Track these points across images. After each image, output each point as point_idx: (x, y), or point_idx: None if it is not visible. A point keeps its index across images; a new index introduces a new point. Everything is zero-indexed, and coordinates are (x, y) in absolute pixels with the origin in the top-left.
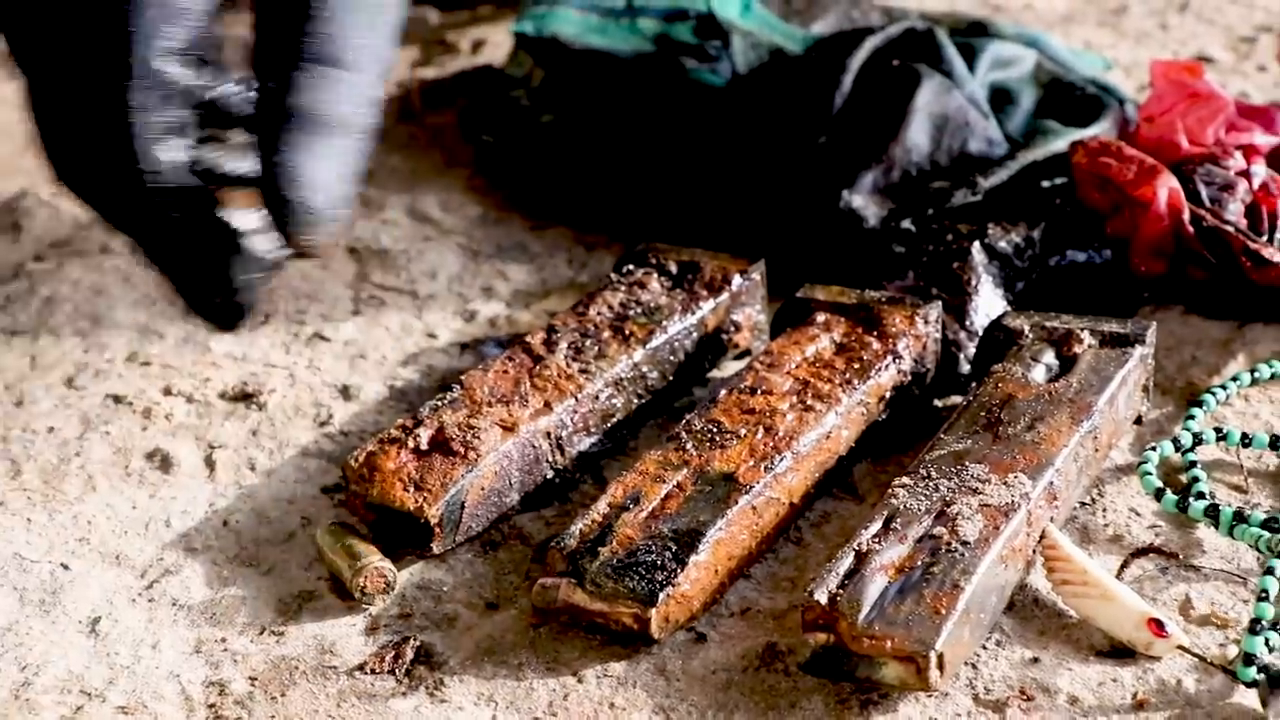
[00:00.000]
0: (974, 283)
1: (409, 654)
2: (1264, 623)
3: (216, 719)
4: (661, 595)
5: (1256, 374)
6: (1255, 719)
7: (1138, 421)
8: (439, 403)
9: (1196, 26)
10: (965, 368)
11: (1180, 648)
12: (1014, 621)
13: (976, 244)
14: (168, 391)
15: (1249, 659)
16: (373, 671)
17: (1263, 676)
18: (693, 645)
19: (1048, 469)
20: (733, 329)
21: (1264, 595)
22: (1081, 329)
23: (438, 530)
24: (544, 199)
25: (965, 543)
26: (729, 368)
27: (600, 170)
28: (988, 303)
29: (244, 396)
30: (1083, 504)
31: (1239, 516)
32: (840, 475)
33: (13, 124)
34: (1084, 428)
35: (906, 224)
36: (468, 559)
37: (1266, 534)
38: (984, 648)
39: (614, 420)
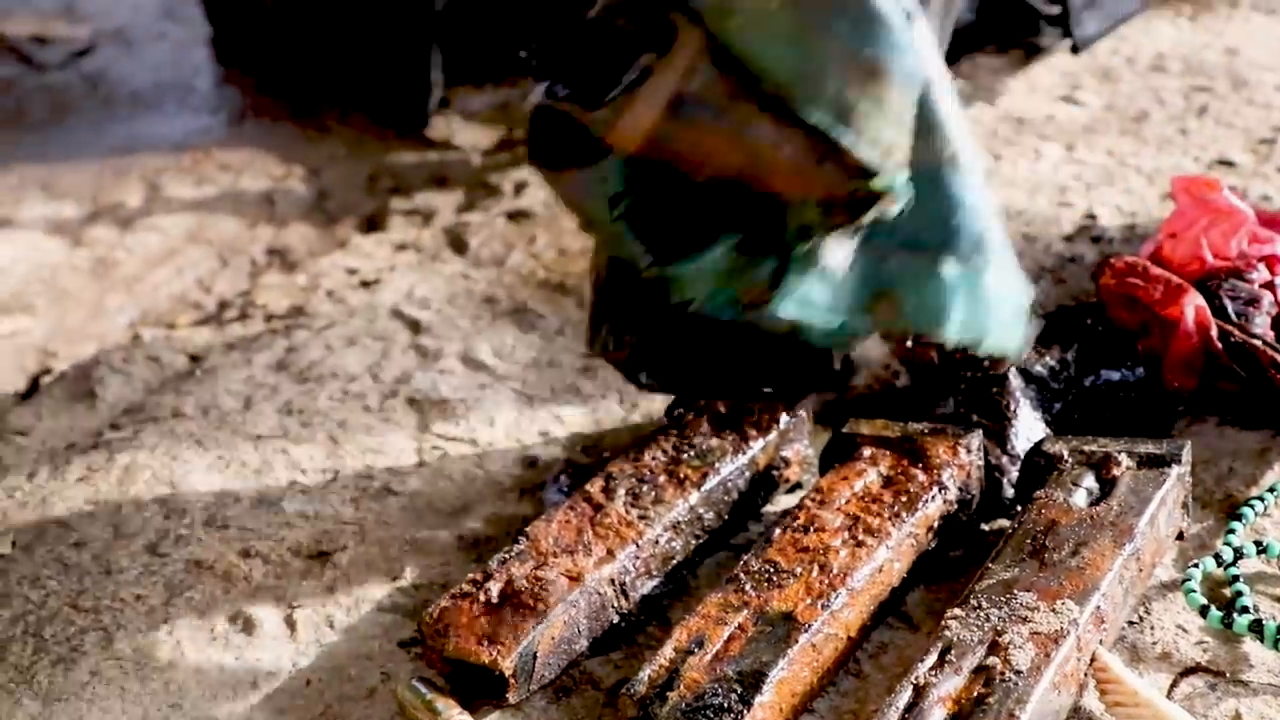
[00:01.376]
0: (1013, 407)
1: None
2: None
3: None
4: None
5: None
6: None
7: (1180, 537)
8: (506, 555)
9: (1216, 130)
10: (1009, 491)
11: None
12: None
13: (1013, 370)
14: (246, 554)
15: None
16: None
17: None
18: None
19: (1094, 593)
20: (783, 465)
21: None
22: (1119, 452)
23: (512, 681)
24: None
25: (1018, 671)
26: (781, 502)
27: None
28: (1027, 426)
29: (319, 554)
30: (1131, 623)
31: None
32: (894, 605)
33: (84, 290)
34: (1127, 550)
35: None
36: (541, 705)
37: None
38: None
39: (674, 562)
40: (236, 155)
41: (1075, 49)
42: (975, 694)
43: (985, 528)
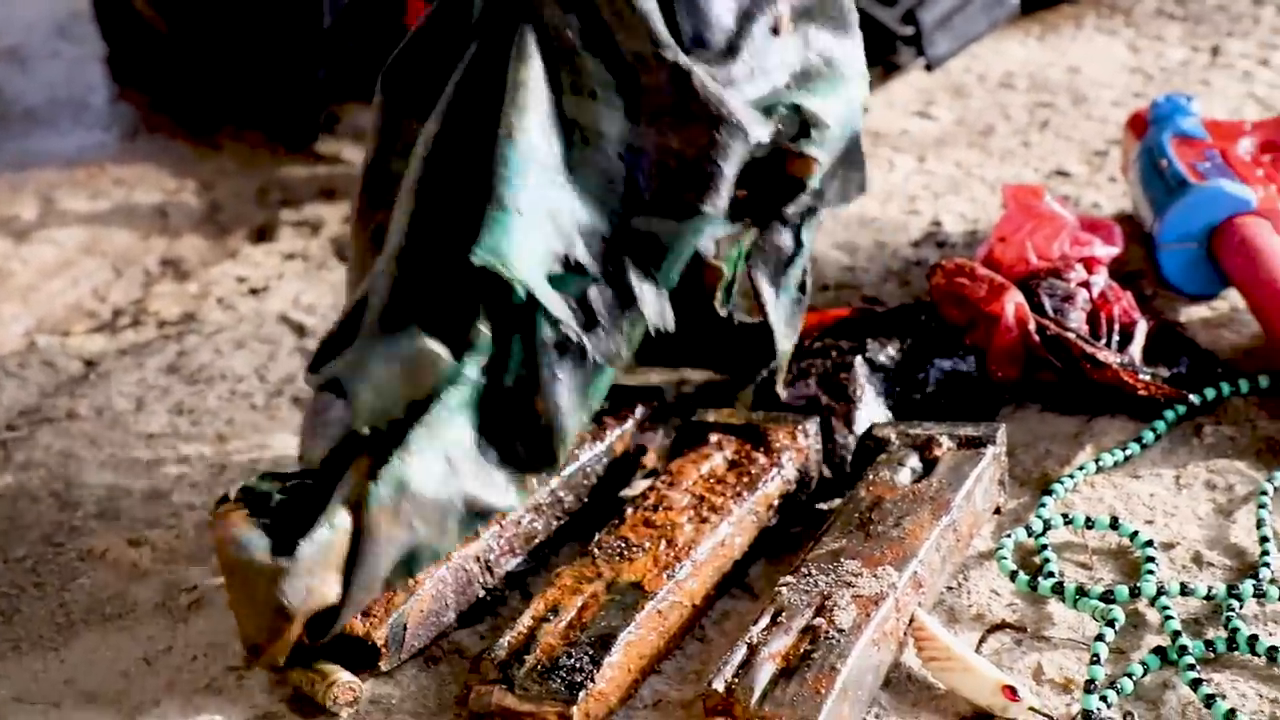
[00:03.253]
0: (858, 392)
1: None
2: (1097, 683)
3: None
4: (581, 694)
5: (1100, 463)
6: None
7: (997, 512)
8: None
9: (1055, 143)
10: (849, 469)
11: (1032, 709)
12: (890, 696)
13: (859, 358)
14: (136, 543)
15: (1087, 716)
16: None
17: None
18: None
19: (912, 560)
20: (639, 453)
21: (1096, 659)
22: (941, 434)
23: (384, 650)
24: None
25: (841, 630)
26: (638, 487)
27: None
28: (871, 409)
29: (206, 542)
30: (949, 589)
31: (1081, 591)
32: (737, 577)
33: None
34: (943, 521)
35: None
36: (412, 674)
37: (1103, 605)
38: (865, 718)
39: (536, 541)
40: (130, 170)
41: (929, 67)
42: (802, 651)
43: (824, 506)
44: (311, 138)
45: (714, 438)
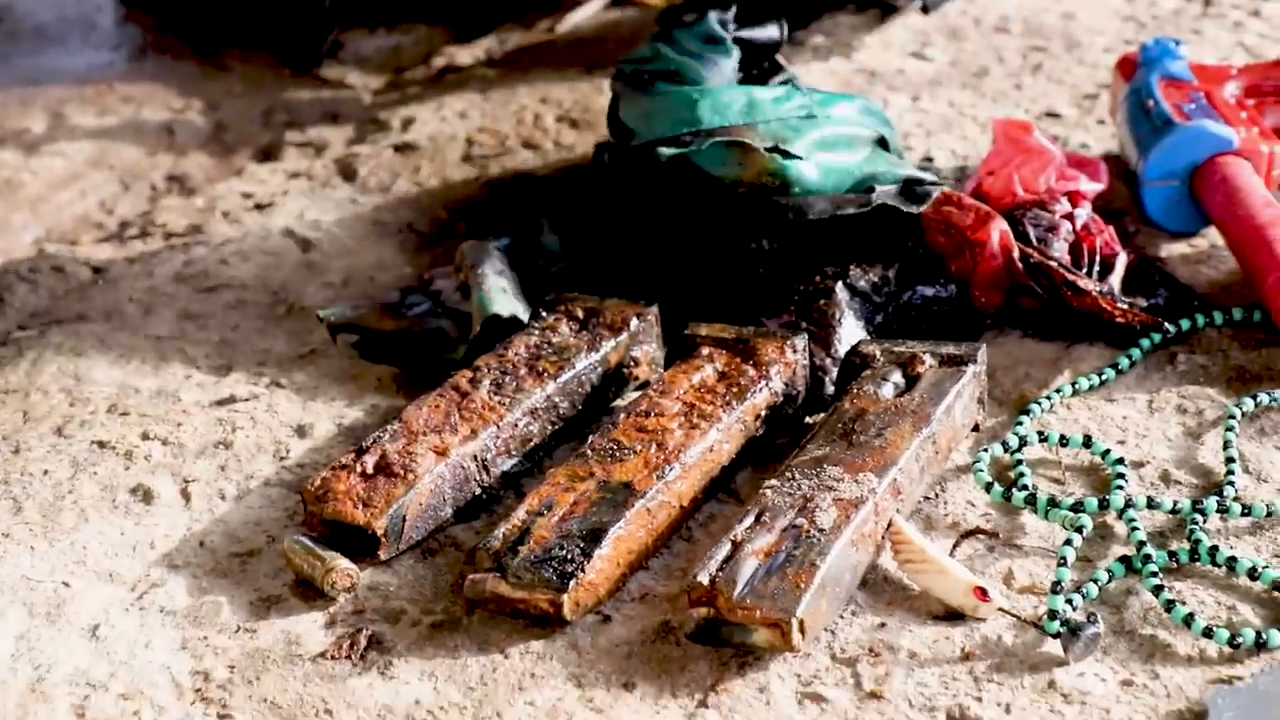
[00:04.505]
0: (838, 316)
1: (363, 642)
2: (1063, 584)
3: (203, 700)
4: (571, 584)
5: (1076, 386)
6: (1059, 663)
7: (975, 429)
8: (381, 434)
9: (1047, 86)
10: (830, 389)
11: (1001, 610)
12: (867, 595)
13: (840, 284)
14: (145, 436)
15: (1053, 615)
16: (332, 658)
17: (1064, 629)
18: (600, 625)
19: (892, 468)
20: (633, 364)
21: (1063, 562)
22: (923, 352)
23: (384, 540)
24: None
25: (822, 530)
26: (630, 397)
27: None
28: (850, 333)
29: (213, 438)
30: (926, 498)
31: (1052, 502)
32: (724, 482)
33: None
34: (923, 433)
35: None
36: (410, 564)
37: (1072, 515)
38: (841, 617)
39: (531, 444)
40: (138, 89)
41: (925, 9)
42: (784, 548)
43: (809, 420)
44: (316, 62)
45: (705, 350)
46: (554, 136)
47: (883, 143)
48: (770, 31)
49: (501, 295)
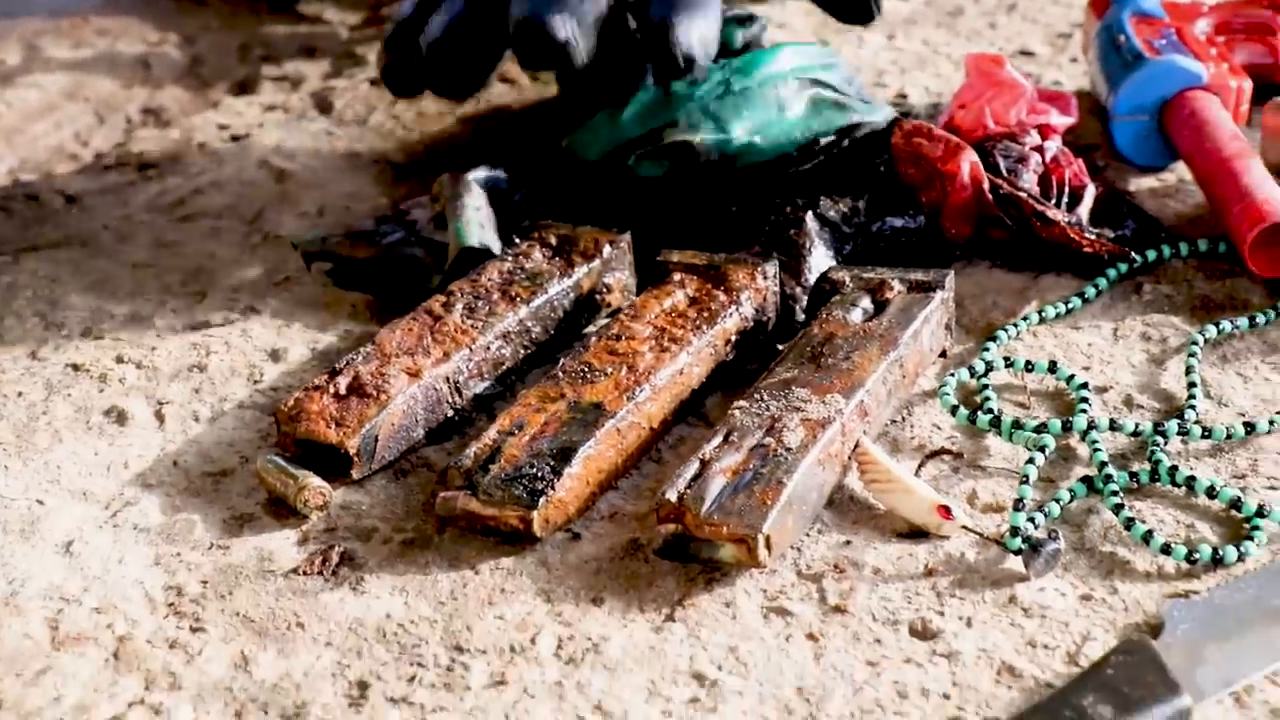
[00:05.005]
0: (808, 245)
1: (335, 558)
2: (1025, 501)
3: (176, 614)
4: (541, 501)
5: (1043, 314)
6: (1020, 579)
7: (943, 355)
8: (354, 356)
9: (1022, 25)
10: (800, 316)
11: (964, 528)
12: (832, 514)
13: (810, 214)
14: (120, 360)
15: (1014, 531)
16: (304, 573)
17: (1025, 545)
18: (569, 542)
19: (859, 390)
20: (605, 290)
21: (1025, 480)
22: (892, 278)
23: (356, 459)
24: None
25: (789, 449)
26: (602, 323)
27: None
28: (819, 263)
29: (187, 362)
30: (893, 422)
31: (1016, 424)
32: (694, 406)
33: None
34: (891, 356)
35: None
36: (382, 484)
37: (1036, 436)
38: (808, 535)
39: (504, 367)
40: (113, 22)
41: None
42: (752, 466)
43: (780, 347)
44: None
45: (676, 276)
46: (530, 72)
47: (824, 84)
48: None
49: (479, 229)
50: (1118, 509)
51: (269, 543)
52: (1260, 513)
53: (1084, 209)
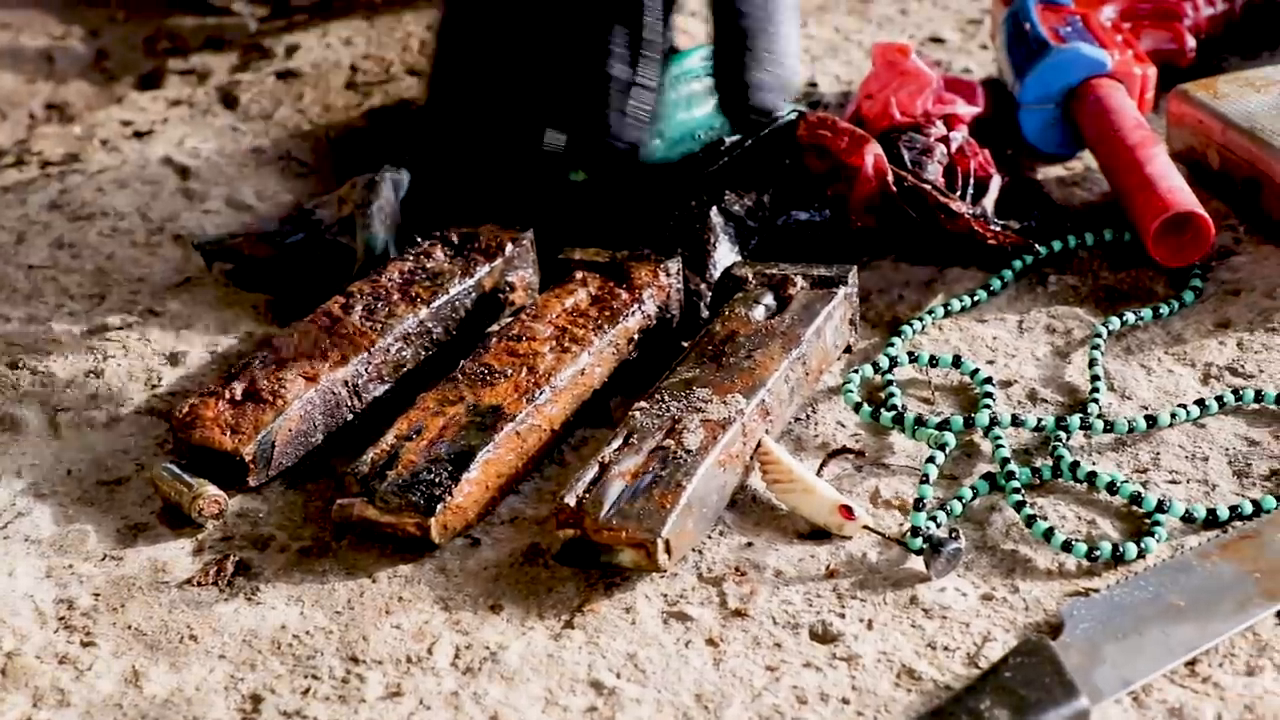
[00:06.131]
0: (713, 241)
1: (230, 568)
2: (925, 501)
3: (66, 628)
4: (439, 507)
5: (948, 308)
6: (921, 579)
7: (848, 350)
8: (250, 360)
9: (933, 11)
10: (705, 313)
11: (865, 528)
12: (735, 515)
13: (714, 209)
14: (14, 365)
15: (915, 531)
16: (199, 584)
17: (926, 545)
18: (468, 549)
19: (760, 389)
20: (508, 289)
21: (925, 479)
22: (795, 274)
23: (252, 466)
24: None
25: (689, 451)
26: (506, 323)
27: None
28: (724, 258)
29: (83, 367)
30: (797, 419)
31: (919, 421)
32: (596, 406)
33: None
34: (793, 354)
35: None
36: (279, 490)
37: (938, 433)
38: (709, 537)
39: (404, 370)
40: (16, 15)
41: None
42: (651, 469)
43: (684, 344)
44: None
45: (578, 274)
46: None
47: None
48: None
49: (386, 234)
50: (1019, 506)
51: (163, 553)
52: (1160, 508)
53: (989, 200)
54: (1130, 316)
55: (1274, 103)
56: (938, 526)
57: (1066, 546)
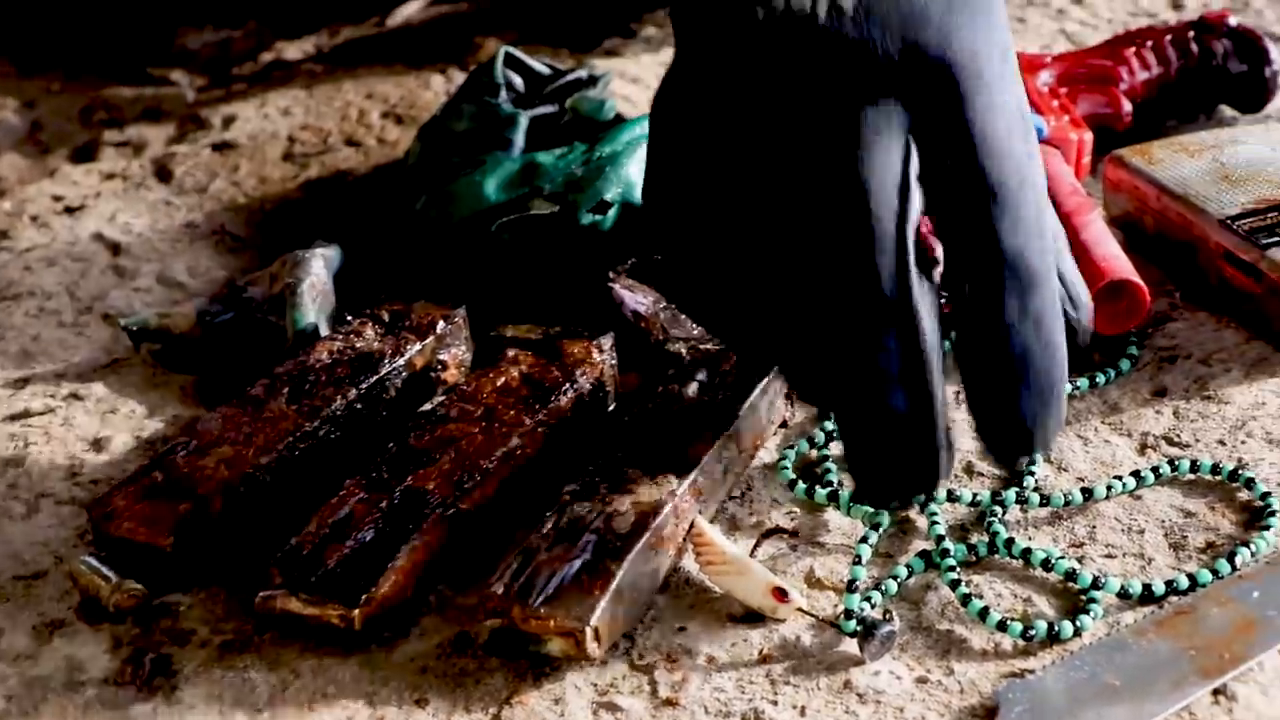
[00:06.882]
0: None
1: (149, 666)
2: (858, 582)
3: None
4: (362, 598)
5: None
6: (855, 662)
7: (783, 425)
8: (172, 447)
9: None
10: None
11: (799, 610)
12: (667, 599)
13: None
14: None
15: (849, 614)
16: (117, 684)
17: (860, 627)
18: (395, 640)
19: (693, 469)
20: (440, 367)
21: (858, 560)
22: (729, 350)
23: (173, 558)
24: None
25: (619, 535)
26: (438, 402)
27: None
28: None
29: (3, 455)
30: (732, 498)
31: (854, 497)
32: (527, 487)
33: None
34: (726, 433)
35: None
36: (202, 583)
37: (872, 511)
38: (641, 622)
39: (332, 455)
40: None
41: None
42: (579, 554)
43: (618, 423)
44: (143, 59)
45: (510, 352)
46: (377, 133)
47: None
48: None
49: (315, 312)
50: (954, 584)
51: (80, 650)
52: (1096, 585)
53: (937, 271)
54: (1068, 386)
55: (1207, 168)
56: (872, 607)
57: (1002, 626)
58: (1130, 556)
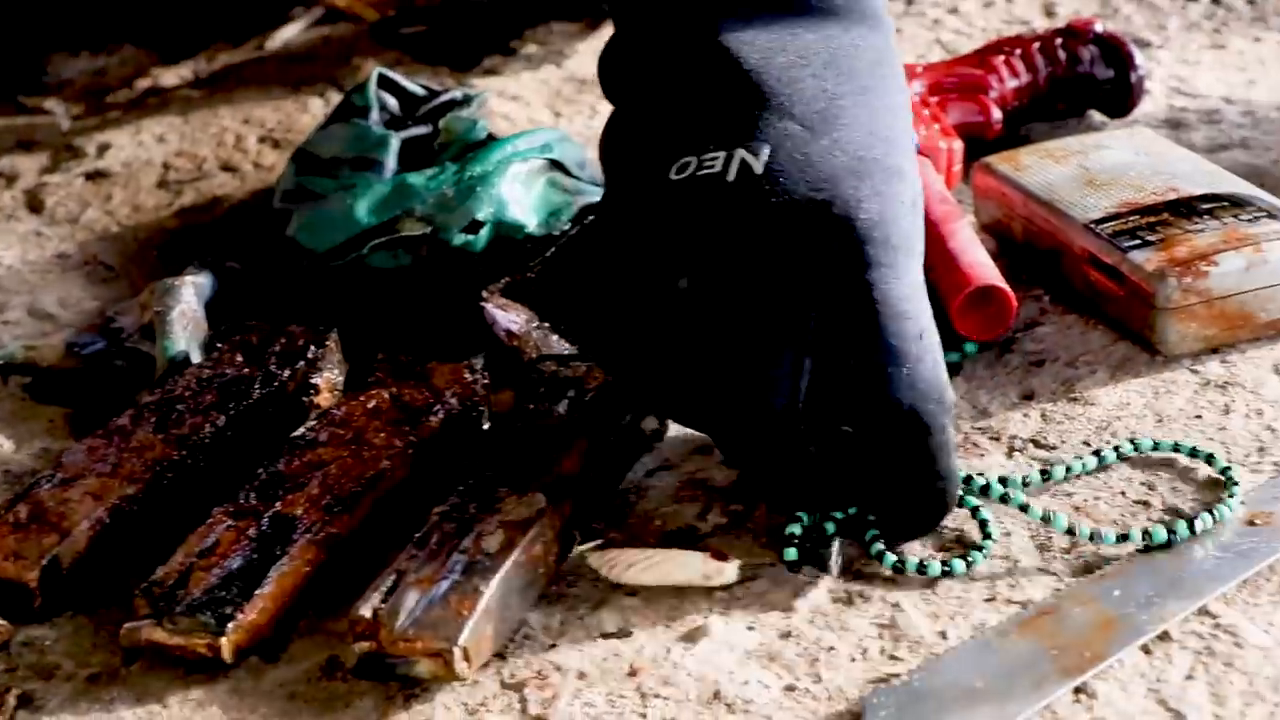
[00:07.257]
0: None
1: (12, 702)
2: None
3: None
4: (230, 625)
5: None
6: (726, 672)
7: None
8: (37, 481)
9: None
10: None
11: (742, 564)
12: (539, 616)
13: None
14: None
15: (790, 539)
16: None
17: (807, 545)
18: (263, 666)
19: (563, 487)
20: (313, 391)
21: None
22: (598, 367)
23: (37, 593)
24: None
25: (488, 555)
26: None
27: None
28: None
29: None
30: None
31: None
32: (396, 510)
33: None
34: (598, 450)
35: None
36: (68, 615)
37: None
38: (513, 641)
39: (200, 482)
40: None
41: None
42: (447, 575)
43: (486, 444)
44: (14, 88)
45: (380, 375)
46: (254, 158)
47: (557, 165)
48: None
49: (185, 339)
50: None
51: None
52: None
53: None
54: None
55: (1072, 173)
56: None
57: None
58: (997, 559)
